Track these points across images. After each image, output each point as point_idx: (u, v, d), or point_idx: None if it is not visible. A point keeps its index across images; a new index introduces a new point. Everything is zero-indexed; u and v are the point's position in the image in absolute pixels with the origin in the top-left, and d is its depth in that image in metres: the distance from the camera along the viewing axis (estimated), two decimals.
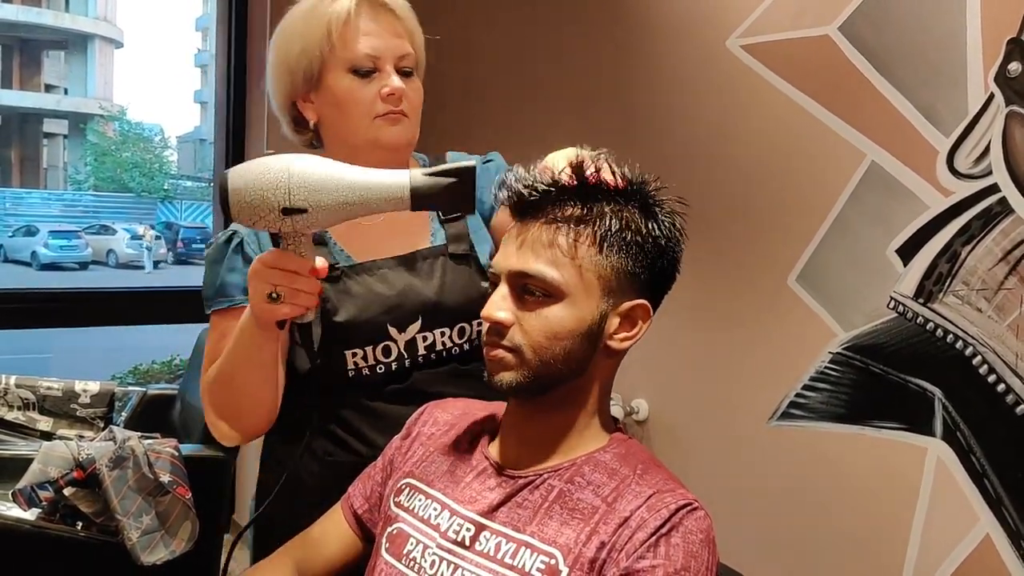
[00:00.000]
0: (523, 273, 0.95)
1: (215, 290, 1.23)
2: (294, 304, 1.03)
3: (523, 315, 0.95)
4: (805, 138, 2.02)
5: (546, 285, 0.93)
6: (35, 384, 2.50)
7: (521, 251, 0.95)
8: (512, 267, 0.96)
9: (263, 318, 1.06)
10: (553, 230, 0.94)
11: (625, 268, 0.95)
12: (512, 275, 0.96)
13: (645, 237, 0.96)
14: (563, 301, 0.94)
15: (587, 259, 0.94)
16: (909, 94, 1.83)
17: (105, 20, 19.74)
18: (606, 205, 0.95)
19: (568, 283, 0.93)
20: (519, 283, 0.96)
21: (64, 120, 19.49)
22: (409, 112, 1.27)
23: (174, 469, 2.01)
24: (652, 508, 0.90)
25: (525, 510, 0.96)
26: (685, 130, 2.34)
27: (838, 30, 1.95)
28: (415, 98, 1.29)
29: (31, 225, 14.61)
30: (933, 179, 1.79)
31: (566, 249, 0.93)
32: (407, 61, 1.27)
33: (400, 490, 1.08)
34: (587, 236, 0.94)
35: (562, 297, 0.94)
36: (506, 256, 0.97)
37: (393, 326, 1.24)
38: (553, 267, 0.93)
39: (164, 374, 5.83)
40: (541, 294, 0.94)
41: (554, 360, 0.95)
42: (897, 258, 1.86)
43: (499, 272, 0.98)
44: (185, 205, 17.88)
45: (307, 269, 1.02)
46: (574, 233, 0.94)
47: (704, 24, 2.28)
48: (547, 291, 0.94)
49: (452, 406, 1.16)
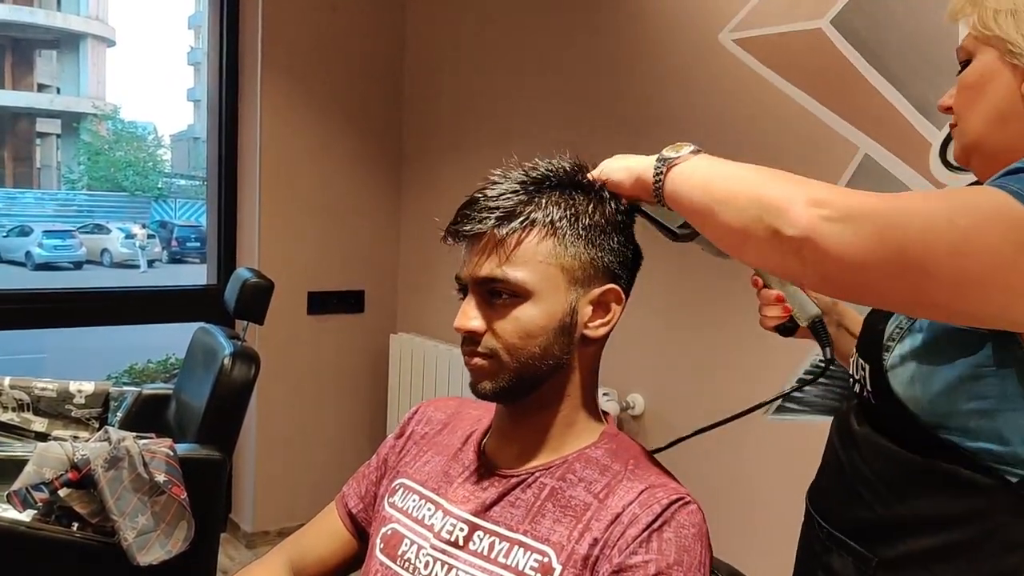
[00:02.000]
0: (487, 279, 0.95)
1: None
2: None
3: (494, 320, 0.95)
4: (798, 131, 2.02)
5: (510, 286, 0.94)
6: (29, 385, 2.49)
7: (481, 257, 0.95)
8: (475, 274, 0.96)
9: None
10: (507, 232, 0.94)
11: (585, 255, 0.96)
12: (476, 282, 0.96)
13: (596, 220, 0.97)
14: (530, 299, 0.94)
15: (545, 252, 0.94)
16: (902, 87, 1.83)
17: (97, 19, 19.70)
18: (550, 197, 0.96)
19: (532, 280, 0.94)
20: (485, 289, 0.96)
21: (57, 119, 19.45)
22: (955, 115, 1.04)
23: (169, 469, 2.01)
24: (644, 503, 0.90)
25: (518, 509, 0.96)
26: (678, 124, 2.33)
27: (830, 23, 1.95)
28: (960, 95, 1.03)
29: (25, 225, 14.58)
30: (926, 171, 1.79)
31: (523, 247, 0.94)
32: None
33: (394, 490, 1.08)
34: (540, 230, 0.95)
35: (528, 295, 0.94)
36: (469, 265, 0.97)
37: None
38: (514, 267, 0.94)
39: (160, 373, 5.83)
40: (508, 296, 0.94)
41: (532, 359, 0.95)
42: None
43: (464, 282, 0.98)
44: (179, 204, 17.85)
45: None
46: (527, 230, 0.94)
47: (696, 18, 2.27)
48: (513, 291, 0.94)
49: (445, 405, 1.17)
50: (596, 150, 1.09)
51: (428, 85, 3.33)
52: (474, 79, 3.12)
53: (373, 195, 3.44)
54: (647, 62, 2.43)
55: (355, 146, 3.39)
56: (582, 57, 2.62)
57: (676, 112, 2.34)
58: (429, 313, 3.33)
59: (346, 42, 3.34)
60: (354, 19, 3.34)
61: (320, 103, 3.32)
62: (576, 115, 2.64)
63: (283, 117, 3.24)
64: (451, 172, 3.19)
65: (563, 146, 1.07)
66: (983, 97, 0.99)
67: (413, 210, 3.44)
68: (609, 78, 2.55)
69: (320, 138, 3.32)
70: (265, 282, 2.41)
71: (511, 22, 2.94)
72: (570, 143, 1.07)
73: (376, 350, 3.45)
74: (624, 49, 2.50)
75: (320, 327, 3.38)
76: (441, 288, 3.21)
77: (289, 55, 3.23)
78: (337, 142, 3.34)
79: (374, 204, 3.45)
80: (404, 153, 3.45)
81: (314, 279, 3.35)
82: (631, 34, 2.48)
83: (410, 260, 3.46)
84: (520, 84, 2.89)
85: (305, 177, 3.30)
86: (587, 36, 2.62)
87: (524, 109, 2.86)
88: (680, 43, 2.33)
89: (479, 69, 3.10)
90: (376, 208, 3.45)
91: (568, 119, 2.67)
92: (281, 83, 3.22)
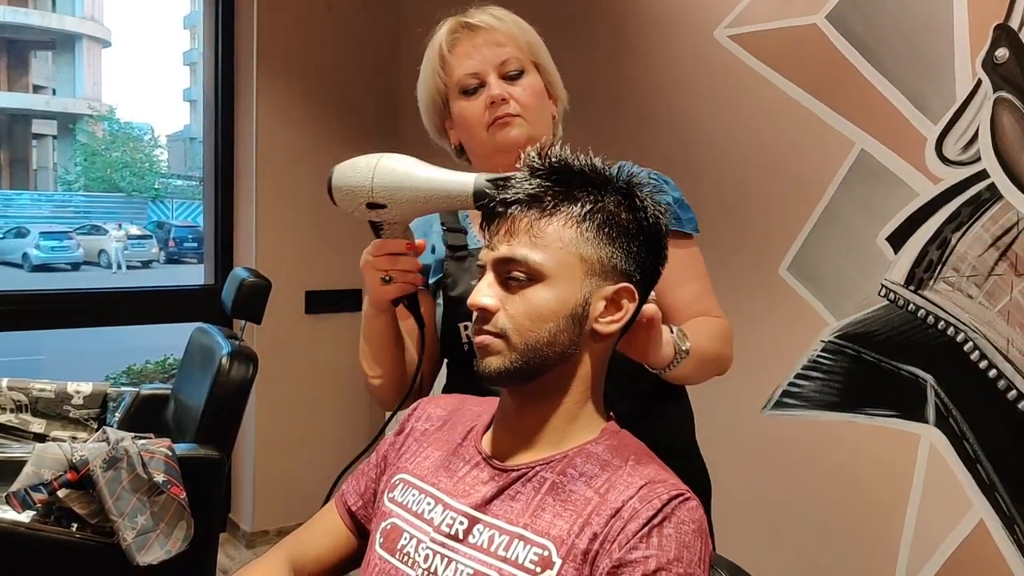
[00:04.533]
0: (505, 259, 0.96)
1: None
2: (403, 283, 1.20)
3: (508, 300, 0.97)
4: (794, 128, 2.03)
5: (528, 268, 0.95)
6: (27, 386, 2.48)
7: (503, 238, 0.97)
8: (495, 255, 0.97)
9: (379, 300, 1.23)
10: (531, 215, 0.96)
11: (605, 251, 0.97)
12: (496, 262, 0.98)
13: (621, 222, 0.98)
14: (545, 282, 0.95)
15: (566, 240, 0.95)
16: (897, 82, 1.84)
17: (92, 20, 19.69)
18: (581, 191, 0.98)
19: (548, 264, 0.95)
20: (504, 270, 0.97)
21: (53, 121, 19.45)
22: (522, 111, 1.33)
23: (168, 469, 2.00)
24: (644, 499, 0.90)
25: (518, 502, 0.96)
26: (673, 122, 2.34)
27: (825, 19, 1.95)
28: (526, 96, 1.34)
29: (22, 227, 14.57)
30: (922, 166, 1.80)
31: (545, 231, 0.95)
32: (510, 65, 1.34)
33: (394, 486, 1.08)
34: (564, 219, 0.96)
35: (543, 278, 0.95)
36: (490, 246, 0.99)
37: None
38: (533, 249, 0.95)
39: (158, 374, 5.83)
40: (524, 277, 0.96)
41: (540, 343, 0.95)
42: (887, 246, 1.86)
43: (485, 262, 1.00)
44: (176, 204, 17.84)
45: (403, 248, 1.18)
46: (551, 217, 0.96)
47: (691, 15, 2.27)
48: (529, 274, 0.95)
49: (445, 401, 1.17)
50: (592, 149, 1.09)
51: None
52: None
53: None
54: (641, 59, 2.44)
55: (351, 144, 3.34)
56: (577, 56, 2.62)
57: (672, 109, 2.35)
58: None
59: (341, 41, 3.34)
60: (349, 19, 3.34)
61: (316, 102, 3.31)
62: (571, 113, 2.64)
63: (279, 116, 3.24)
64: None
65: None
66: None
67: None
68: (605, 77, 2.55)
69: (316, 136, 3.32)
70: (262, 281, 2.41)
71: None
72: (564, 141, 1.08)
73: None
74: (619, 47, 2.51)
75: (318, 326, 3.38)
76: None
77: (284, 54, 3.23)
78: (333, 140, 3.34)
79: None
80: (401, 150, 3.44)
81: (311, 278, 3.35)
82: (626, 32, 2.49)
83: None
84: None
85: (301, 176, 3.30)
86: (583, 35, 2.62)
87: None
88: (675, 40, 2.33)
89: None
90: None
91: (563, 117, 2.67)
92: (277, 82, 3.22)
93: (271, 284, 2.44)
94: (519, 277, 0.96)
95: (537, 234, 0.95)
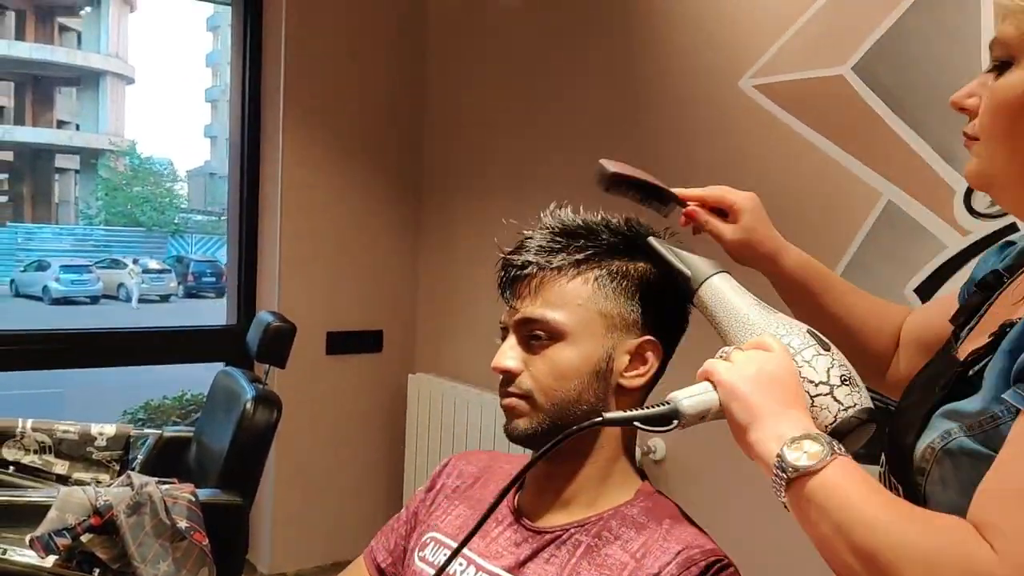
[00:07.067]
0: (526, 320, 0.97)
1: None
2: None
3: (531, 361, 0.97)
4: (820, 178, 2.03)
5: (548, 327, 0.96)
6: (51, 427, 2.50)
7: (522, 300, 0.98)
8: (515, 316, 0.99)
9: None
10: (550, 275, 0.97)
11: (626, 307, 0.98)
12: (517, 324, 0.99)
13: (641, 278, 0.99)
14: (566, 340, 0.96)
15: (585, 297, 0.97)
16: (925, 133, 1.84)
17: (117, 57, 19.99)
18: (596, 247, 0.99)
19: (568, 322, 0.96)
20: (525, 331, 0.98)
21: (76, 155, 19.70)
22: (978, 132, 0.87)
23: (191, 515, 2.00)
24: (682, 565, 0.89)
25: (552, 566, 0.95)
26: (698, 170, 2.34)
27: (852, 70, 1.96)
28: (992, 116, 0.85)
29: (42, 260, 14.70)
30: (950, 218, 1.79)
31: (564, 289, 0.97)
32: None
33: (425, 544, 1.07)
34: (583, 278, 0.97)
35: (564, 336, 0.96)
36: (511, 308, 1.00)
37: None
38: (552, 308, 0.96)
39: (175, 409, 5.86)
40: (545, 337, 0.97)
41: (566, 401, 0.96)
42: (915, 297, 1.85)
43: (506, 324, 1.01)
44: (196, 239, 17.97)
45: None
46: (569, 275, 0.97)
47: (717, 65, 2.29)
48: (550, 333, 0.96)
49: (477, 458, 1.16)
50: (616, 198, 1.10)
51: (447, 128, 3.35)
52: (493, 122, 3.15)
53: (392, 235, 3.46)
54: (667, 108, 2.45)
55: (375, 187, 3.41)
56: (602, 103, 2.64)
57: (697, 159, 2.35)
58: (447, 353, 3.33)
59: (367, 86, 3.37)
60: (374, 65, 3.38)
61: (341, 144, 3.35)
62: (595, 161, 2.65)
63: (304, 158, 3.27)
64: (469, 213, 3.20)
65: (582, 189, 1.10)
66: (1020, 127, 0.78)
67: (432, 250, 3.45)
68: (629, 124, 2.56)
69: (340, 178, 3.35)
70: (287, 326, 2.42)
71: (531, 66, 2.96)
72: (590, 189, 1.09)
73: (394, 390, 3.44)
74: (645, 95, 2.52)
75: (339, 367, 3.38)
76: (459, 328, 3.22)
77: (311, 97, 3.27)
78: (357, 183, 3.36)
79: (393, 244, 3.46)
80: (423, 194, 3.47)
81: (333, 319, 3.36)
82: (652, 80, 2.50)
83: (429, 300, 3.47)
84: (539, 129, 2.90)
85: (325, 217, 3.32)
86: (608, 83, 2.64)
87: (543, 153, 2.87)
88: (701, 90, 2.34)
89: (498, 112, 3.12)
90: (395, 248, 3.47)
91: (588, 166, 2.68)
92: (303, 124, 3.26)
93: (295, 328, 2.45)
94: (540, 336, 0.97)
95: (555, 293, 0.97)
